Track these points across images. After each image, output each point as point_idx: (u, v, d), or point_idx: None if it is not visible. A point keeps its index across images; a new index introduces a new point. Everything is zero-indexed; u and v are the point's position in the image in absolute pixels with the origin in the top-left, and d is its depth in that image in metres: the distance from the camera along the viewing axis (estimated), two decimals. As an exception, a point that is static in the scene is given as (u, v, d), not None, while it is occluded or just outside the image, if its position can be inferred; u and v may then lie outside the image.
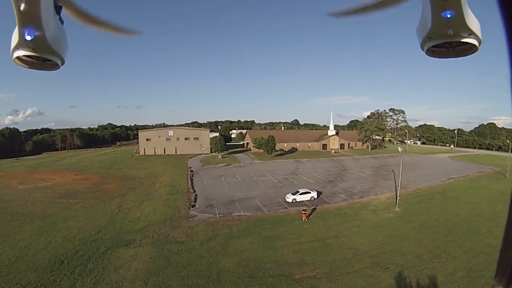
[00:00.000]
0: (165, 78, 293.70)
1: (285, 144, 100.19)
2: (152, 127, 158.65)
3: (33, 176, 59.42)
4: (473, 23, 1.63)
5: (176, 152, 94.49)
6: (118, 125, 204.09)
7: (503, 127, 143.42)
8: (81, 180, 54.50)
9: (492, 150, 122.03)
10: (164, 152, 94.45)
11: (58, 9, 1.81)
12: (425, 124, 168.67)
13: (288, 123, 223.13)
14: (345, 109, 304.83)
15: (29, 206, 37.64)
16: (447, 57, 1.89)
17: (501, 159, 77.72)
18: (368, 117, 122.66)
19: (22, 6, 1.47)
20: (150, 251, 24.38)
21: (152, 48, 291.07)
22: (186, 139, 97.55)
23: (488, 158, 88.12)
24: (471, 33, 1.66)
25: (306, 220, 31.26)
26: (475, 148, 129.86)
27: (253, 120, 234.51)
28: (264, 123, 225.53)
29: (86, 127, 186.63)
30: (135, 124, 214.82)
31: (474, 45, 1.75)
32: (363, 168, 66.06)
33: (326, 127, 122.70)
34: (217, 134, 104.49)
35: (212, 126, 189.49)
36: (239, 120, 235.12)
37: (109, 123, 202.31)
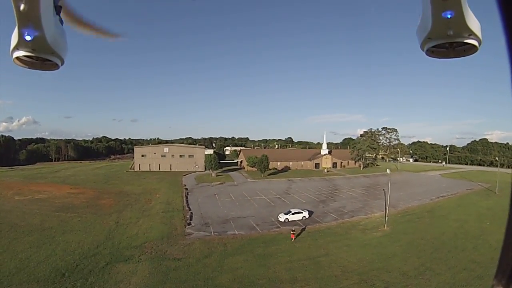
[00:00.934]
0: (160, 93, 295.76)
1: (278, 163, 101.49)
2: (147, 141, 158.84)
3: (29, 187, 59.72)
4: (473, 23, 1.67)
5: (170, 169, 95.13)
6: (113, 138, 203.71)
7: (496, 142, 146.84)
8: (77, 194, 54.97)
9: (483, 165, 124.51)
10: (159, 169, 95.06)
11: (58, 9, 1.85)
12: (418, 141, 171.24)
13: (282, 140, 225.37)
14: (339, 127, 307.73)
15: (27, 218, 38.18)
16: (447, 57, 1.93)
17: (491, 175, 79.19)
18: (361, 135, 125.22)
19: (22, 6, 1.49)
20: (149, 267, 25.25)
21: (148, 62, 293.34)
22: (181, 156, 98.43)
23: (479, 175, 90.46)
24: (471, 34, 1.70)
25: (294, 239, 32.09)
26: (467, 164, 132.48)
27: (247, 137, 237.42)
28: (258, 140, 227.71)
29: (80, 139, 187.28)
30: (129, 138, 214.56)
31: (474, 46, 1.78)
32: (354, 187, 67.60)
33: (320, 145, 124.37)
34: (211, 151, 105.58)
35: (206, 142, 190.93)
36: (233, 137, 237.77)
37: (104, 136, 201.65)
